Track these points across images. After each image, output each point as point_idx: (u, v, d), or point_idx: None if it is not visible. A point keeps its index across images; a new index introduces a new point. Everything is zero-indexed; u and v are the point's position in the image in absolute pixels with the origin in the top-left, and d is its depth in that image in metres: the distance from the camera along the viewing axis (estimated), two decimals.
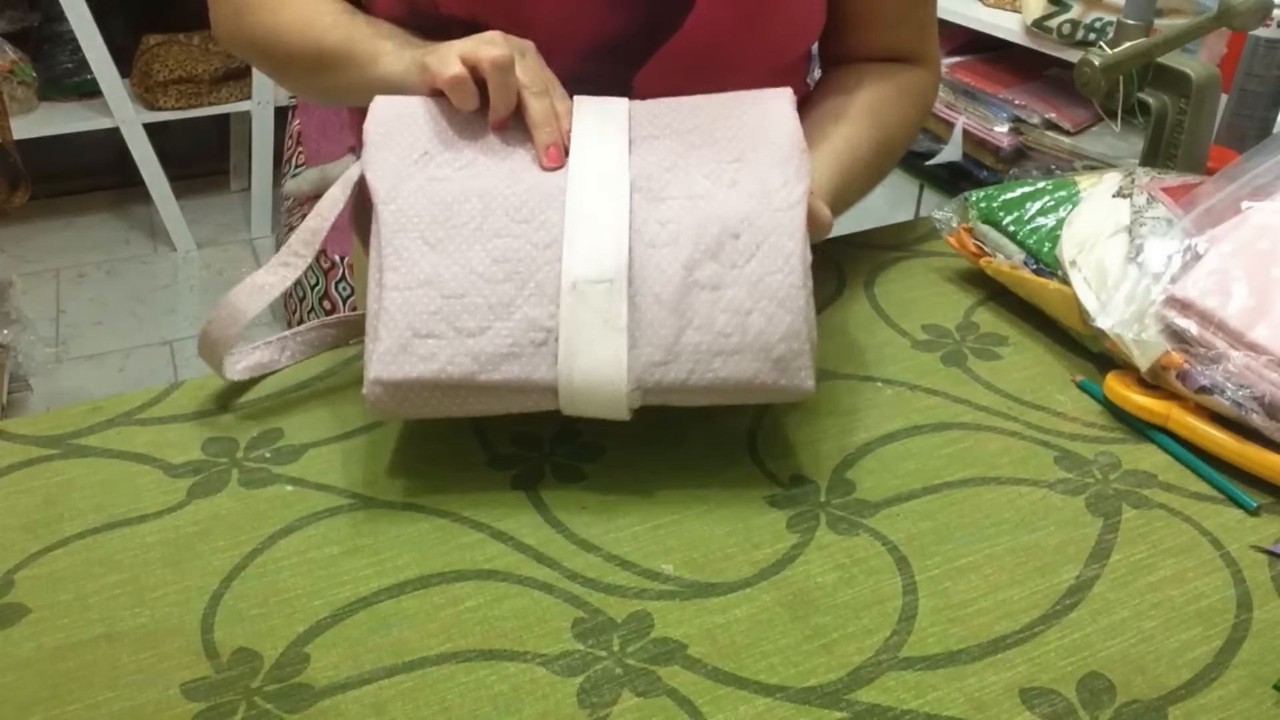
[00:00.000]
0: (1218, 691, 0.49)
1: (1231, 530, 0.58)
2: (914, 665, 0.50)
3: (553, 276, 0.56)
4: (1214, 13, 0.79)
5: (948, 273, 0.82)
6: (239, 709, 0.47)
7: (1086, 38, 1.59)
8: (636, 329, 0.56)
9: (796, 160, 0.60)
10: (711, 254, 0.57)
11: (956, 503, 0.59)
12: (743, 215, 0.58)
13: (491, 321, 0.56)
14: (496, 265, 0.57)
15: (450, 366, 0.56)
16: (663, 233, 0.58)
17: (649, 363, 0.57)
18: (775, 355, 0.57)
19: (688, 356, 0.57)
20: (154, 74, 2.49)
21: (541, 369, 0.56)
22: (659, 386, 0.57)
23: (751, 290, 0.57)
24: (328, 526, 0.57)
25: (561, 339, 0.56)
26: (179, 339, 2.39)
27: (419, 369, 0.56)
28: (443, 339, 0.56)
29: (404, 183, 0.59)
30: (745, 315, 0.57)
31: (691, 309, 0.57)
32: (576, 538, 0.57)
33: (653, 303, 0.57)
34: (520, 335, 0.56)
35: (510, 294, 0.56)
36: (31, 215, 2.76)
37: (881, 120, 0.76)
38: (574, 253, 0.56)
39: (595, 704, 0.48)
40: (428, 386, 0.56)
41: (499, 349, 0.56)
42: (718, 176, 0.59)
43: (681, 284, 0.57)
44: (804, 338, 0.58)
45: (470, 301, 0.56)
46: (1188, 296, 0.64)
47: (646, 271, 0.57)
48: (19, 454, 0.63)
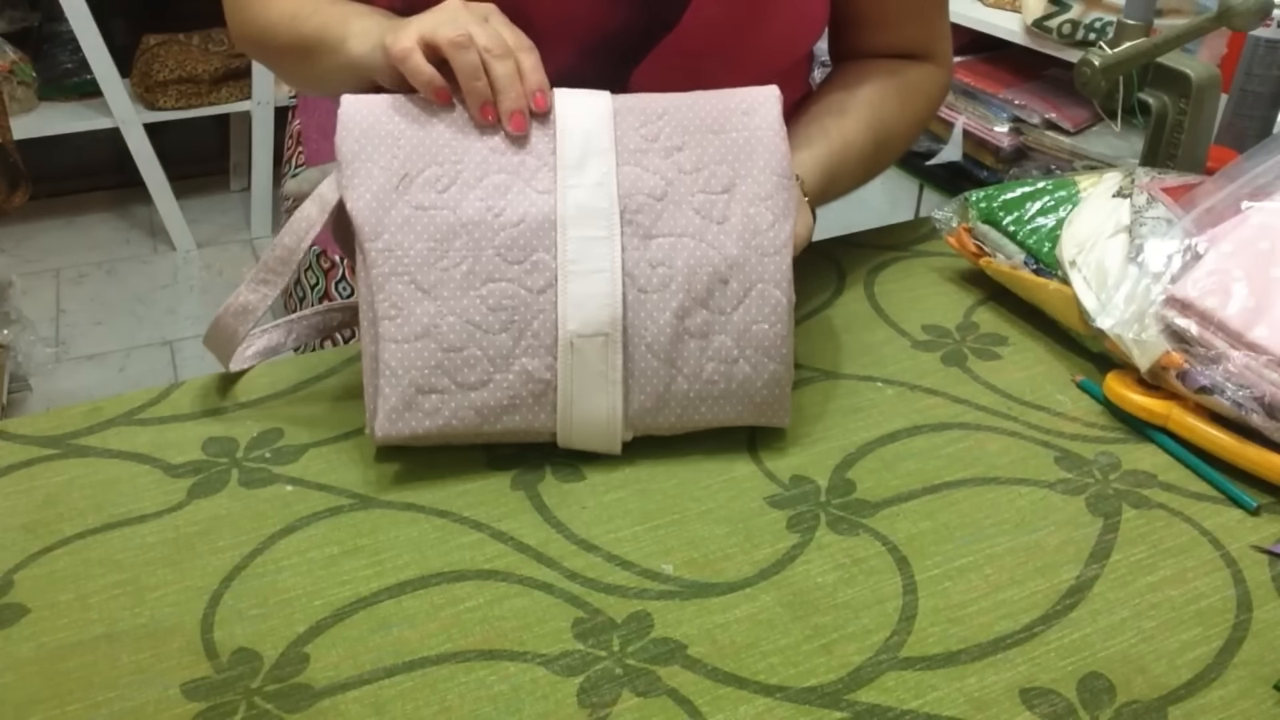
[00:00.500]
0: (1218, 691, 0.49)
1: (1231, 530, 0.58)
2: (914, 665, 0.50)
3: (549, 325, 0.58)
4: (1214, 13, 0.79)
5: (948, 273, 0.82)
6: (239, 709, 0.47)
7: (1086, 38, 1.59)
8: (630, 378, 0.59)
9: (784, 192, 0.61)
10: (701, 301, 0.59)
11: (956, 503, 0.59)
12: (732, 260, 0.59)
13: (491, 374, 0.58)
14: (493, 315, 0.58)
15: (454, 421, 0.58)
16: (654, 276, 0.59)
17: (641, 409, 0.60)
18: (758, 400, 0.61)
19: (677, 403, 0.60)
20: (154, 74, 2.49)
21: (541, 418, 0.59)
22: (648, 429, 0.61)
23: (739, 339, 0.59)
24: (328, 526, 0.57)
25: (560, 392, 0.58)
26: (179, 339, 2.39)
27: (425, 425, 0.58)
28: (445, 394, 0.58)
29: (387, 214, 0.58)
30: (731, 364, 0.60)
31: (681, 358, 0.59)
32: (576, 538, 0.57)
33: (645, 353, 0.59)
34: (520, 388, 0.58)
35: (508, 345, 0.58)
36: (31, 215, 2.76)
37: (880, 114, 0.76)
38: (568, 303, 0.57)
39: (595, 704, 0.48)
40: (433, 436, 0.59)
41: (500, 402, 0.58)
42: (708, 212, 0.60)
43: (673, 334, 0.59)
44: (785, 382, 0.61)
45: (470, 355, 0.58)
46: (1188, 296, 0.64)
47: (639, 320, 0.58)
48: (19, 454, 0.63)
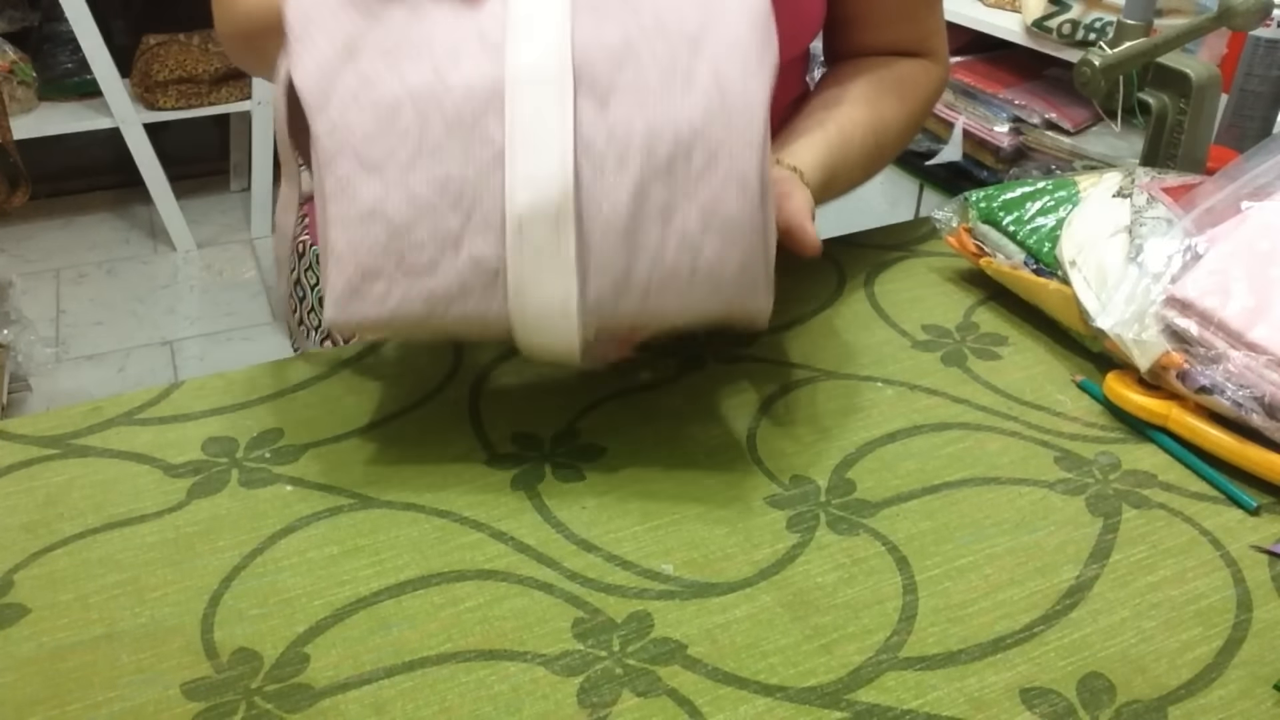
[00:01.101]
0: (1218, 691, 0.49)
1: (1231, 530, 0.58)
2: (914, 665, 0.50)
3: (498, 203, 0.53)
4: (1214, 13, 0.79)
5: (948, 273, 0.82)
6: (239, 709, 0.47)
7: (1086, 38, 1.59)
8: (585, 261, 0.54)
9: (760, 39, 0.54)
10: (661, 176, 0.53)
11: (956, 503, 0.59)
12: (696, 127, 0.53)
13: (439, 259, 0.54)
14: (440, 193, 0.54)
15: (402, 309, 0.55)
16: (610, 151, 0.53)
17: (599, 297, 0.55)
18: (727, 288, 0.55)
19: (638, 290, 0.55)
20: (154, 74, 2.49)
21: (494, 307, 0.55)
22: (610, 320, 0.56)
23: (703, 218, 0.54)
24: (328, 526, 0.57)
25: (511, 277, 0.54)
26: (179, 339, 2.39)
27: (372, 312, 0.55)
28: (392, 280, 0.55)
29: (333, 86, 0.55)
30: (696, 248, 0.54)
31: (641, 241, 0.54)
32: (576, 538, 0.57)
33: (601, 234, 0.54)
34: (469, 274, 0.54)
35: (456, 227, 0.54)
36: (31, 215, 2.76)
37: (877, 109, 0.76)
38: (516, 179, 0.53)
39: (595, 704, 0.48)
40: (383, 324, 0.56)
41: (449, 289, 0.55)
42: (671, 70, 0.54)
43: (631, 214, 0.53)
44: (758, 270, 0.55)
45: (417, 238, 0.54)
46: (1188, 296, 0.64)
47: (594, 199, 0.53)
48: (19, 454, 0.63)
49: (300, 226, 1.05)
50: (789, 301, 0.77)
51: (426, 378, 0.69)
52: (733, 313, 0.57)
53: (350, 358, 0.71)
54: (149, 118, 2.51)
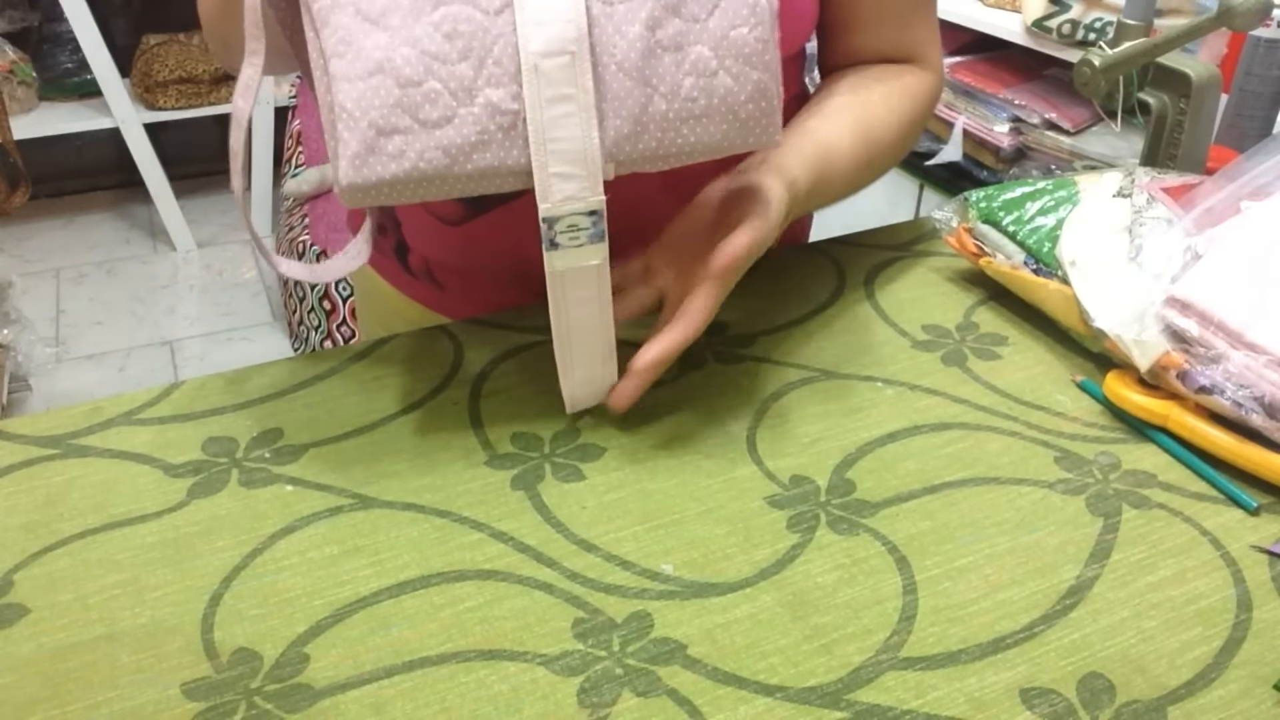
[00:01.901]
0: (1218, 691, 0.49)
1: (1231, 530, 0.58)
2: (914, 665, 0.50)
3: (510, 49, 0.53)
4: (1214, 13, 0.79)
5: (948, 273, 0.82)
6: (239, 709, 0.47)
7: (1086, 38, 1.59)
8: (603, 101, 0.54)
9: None
10: (673, 8, 0.54)
11: (956, 503, 0.59)
12: None
13: (455, 109, 0.53)
14: (448, 42, 0.53)
15: (422, 163, 0.54)
16: None
17: (619, 136, 0.55)
18: (743, 116, 0.56)
19: (656, 126, 0.55)
20: (154, 74, 2.49)
21: (514, 154, 0.54)
22: (629, 158, 0.56)
23: (717, 48, 0.54)
24: (328, 526, 0.57)
25: (530, 122, 0.53)
26: (179, 339, 2.39)
27: (390, 169, 0.54)
28: (408, 134, 0.53)
29: None
30: (711, 77, 0.55)
31: (656, 75, 0.54)
32: (576, 538, 0.57)
33: (616, 72, 0.54)
34: (487, 122, 0.54)
35: (469, 75, 0.53)
36: (31, 215, 2.77)
37: (867, 115, 0.75)
38: (528, 22, 0.52)
39: (595, 704, 0.48)
40: (400, 182, 0.54)
41: (467, 139, 0.54)
42: None
43: (644, 48, 0.54)
44: (773, 94, 0.56)
45: (429, 89, 0.53)
46: (1188, 296, 0.64)
47: (607, 35, 0.53)
48: (19, 454, 0.63)
49: (301, 227, 1.05)
50: (789, 301, 0.77)
51: (426, 378, 0.69)
52: (747, 142, 0.57)
53: (350, 357, 0.71)
54: (149, 118, 2.51)
